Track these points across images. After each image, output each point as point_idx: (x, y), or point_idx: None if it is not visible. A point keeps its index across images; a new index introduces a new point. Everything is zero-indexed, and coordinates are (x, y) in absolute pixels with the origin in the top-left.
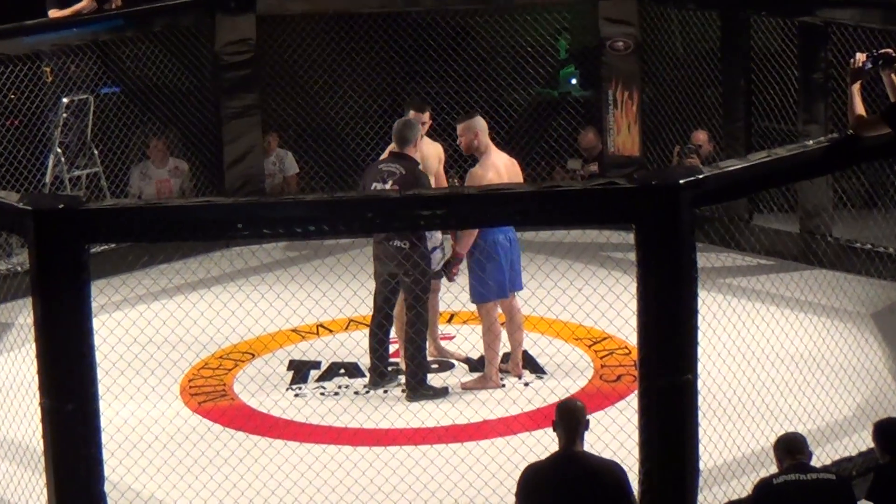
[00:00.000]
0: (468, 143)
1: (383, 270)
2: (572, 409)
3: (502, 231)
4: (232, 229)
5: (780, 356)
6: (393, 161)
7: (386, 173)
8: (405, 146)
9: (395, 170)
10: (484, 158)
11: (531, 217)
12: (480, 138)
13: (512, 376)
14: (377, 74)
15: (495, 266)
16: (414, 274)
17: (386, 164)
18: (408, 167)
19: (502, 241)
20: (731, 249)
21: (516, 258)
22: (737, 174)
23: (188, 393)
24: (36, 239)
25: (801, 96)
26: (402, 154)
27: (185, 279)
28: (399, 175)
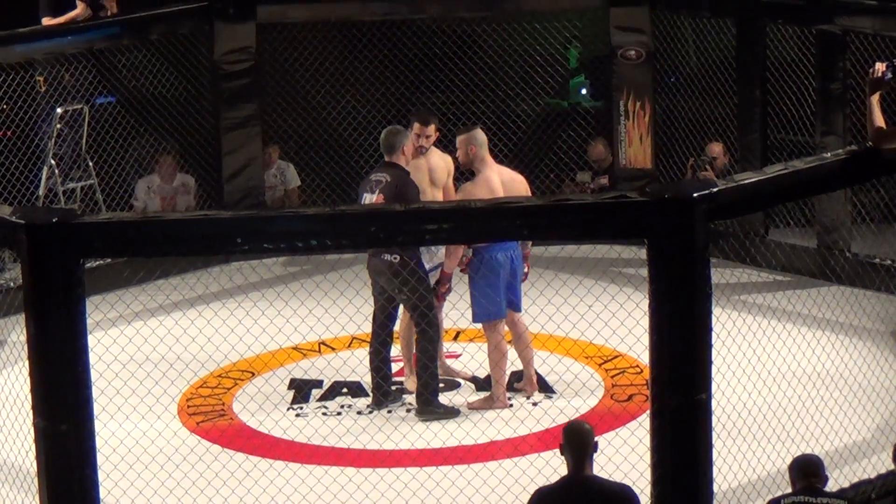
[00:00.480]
0: (464, 157)
1: (378, 286)
2: (580, 431)
3: (503, 249)
4: (231, 244)
5: (796, 375)
6: (381, 170)
7: (374, 183)
8: (392, 153)
9: (382, 178)
10: (478, 174)
11: (540, 231)
12: (476, 152)
13: (523, 395)
14: (381, 84)
15: (491, 285)
16: (411, 289)
17: (376, 173)
18: (394, 174)
19: (501, 259)
20: (747, 265)
21: (517, 277)
22: (752, 187)
23: (186, 412)
24: (29, 253)
25: (819, 107)
26: (390, 162)
27: (183, 295)
28: (384, 183)
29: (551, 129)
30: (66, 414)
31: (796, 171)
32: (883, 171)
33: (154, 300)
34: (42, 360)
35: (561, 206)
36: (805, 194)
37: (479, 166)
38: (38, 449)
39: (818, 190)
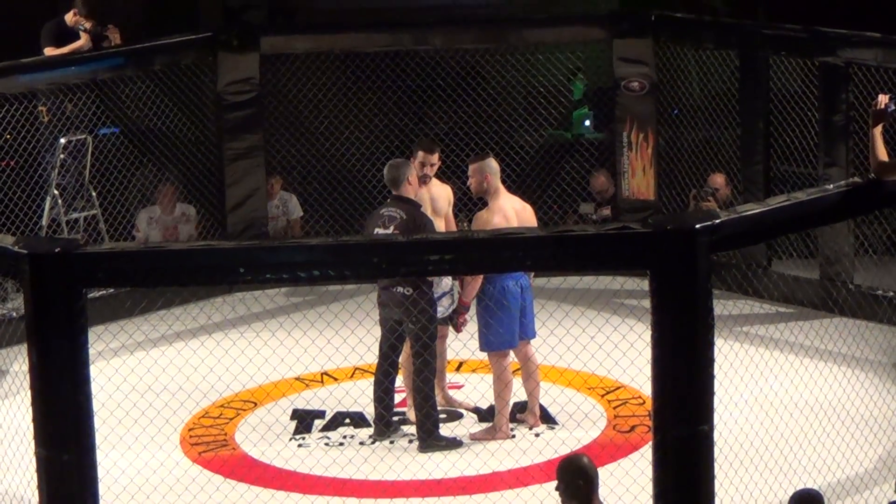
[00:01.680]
0: (478, 185)
1: (388, 317)
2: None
3: (513, 277)
4: (234, 274)
5: (798, 407)
6: (393, 205)
7: (387, 218)
8: (399, 186)
9: (396, 214)
10: (492, 202)
11: (543, 262)
12: (490, 181)
13: (525, 426)
14: (384, 115)
15: (505, 314)
16: (420, 321)
17: (387, 208)
18: (408, 211)
19: (512, 287)
20: (749, 296)
21: (529, 305)
22: (755, 219)
23: (188, 442)
24: (32, 283)
25: (822, 139)
26: (400, 197)
27: (186, 325)
28: (400, 220)
29: (554, 160)
30: (68, 444)
31: (799, 203)
32: (885, 203)
33: (156, 330)
34: (44, 390)
35: (564, 237)
36: (808, 226)
37: (493, 194)
38: (39, 479)
39: (821, 221)
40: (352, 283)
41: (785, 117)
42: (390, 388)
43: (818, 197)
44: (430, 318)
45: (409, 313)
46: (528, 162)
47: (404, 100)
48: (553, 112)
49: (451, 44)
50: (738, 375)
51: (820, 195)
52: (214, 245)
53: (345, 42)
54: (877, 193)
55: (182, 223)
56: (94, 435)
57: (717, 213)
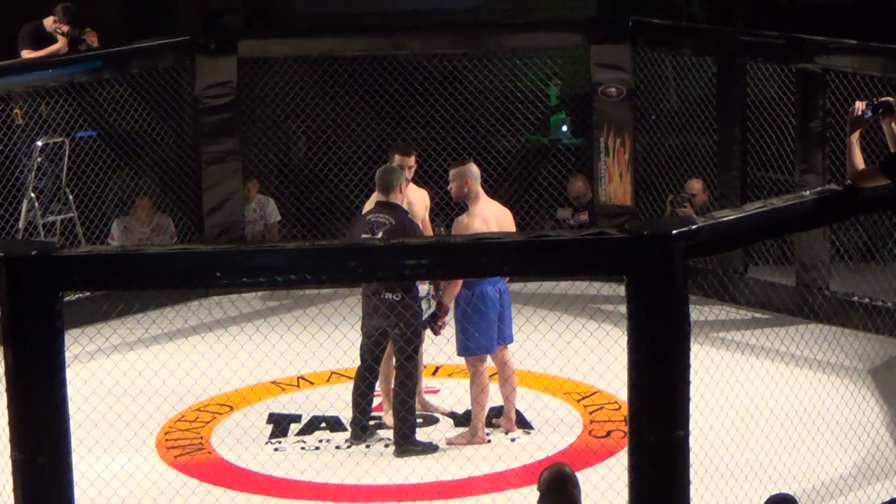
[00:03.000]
0: (458, 190)
1: (373, 325)
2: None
3: (491, 282)
4: (210, 278)
5: (774, 412)
6: (381, 211)
7: (375, 224)
8: (390, 193)
9: (385, 220)
10: (472, 206)
11: (519, 267)
12: (471, 186)
13: (500, 431)
14: (362, 119)
15: (483, 319)
16: (406, 330)
17: (374, 214)
18: (397, 217)
19: (490, 292)
20: (725, 302)
21: (507, 310)
22: (731, 225)
23: (164, 446)
24: (8, 286)
25: (799, 145)
26: (389, 203)
27: (162, 329)
28: (389, 226)
29: (531, 165)
30: (44, 447)
31: (775, 209)
32: (861, 210)
33: (133, 334)
34: (20, 393)
35: (540, 242)
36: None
37: (473, 199)
38: (15, 482)
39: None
40: (328, 287)
41: (762, 124)
42: (367, 393)
43: (794, 203)
44: (415, 330)
45: (399, 318)
46: (505, 167)
47: (382, 104)
48: (530, 117)
49: (428, 48)
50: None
51: (796, 202)
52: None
53: (322, 46)
54: (853, 200)
55: (157, 234)
56: (69, 438)
57: (693, 218)
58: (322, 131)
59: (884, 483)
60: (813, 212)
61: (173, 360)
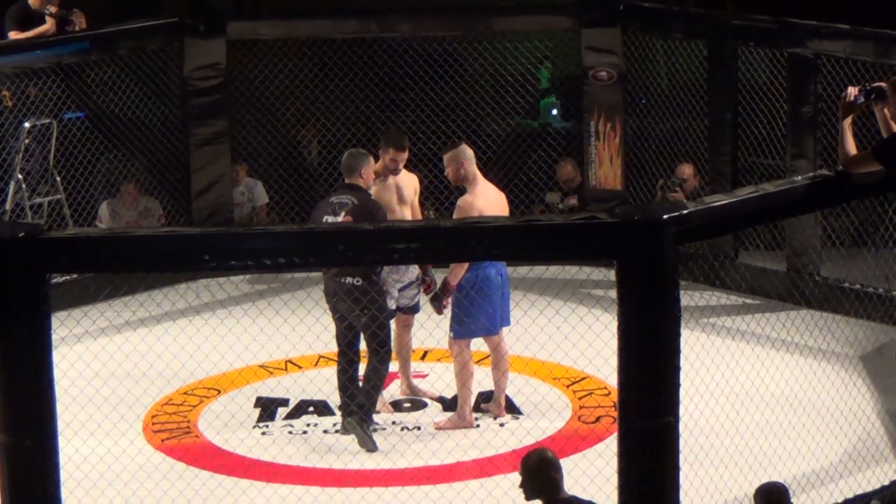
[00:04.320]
0: (455, 173)
1: (337, 308)
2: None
3: (494, 266)
4: (198, 261)
5: (764, 398)
6: (344, 192)
7: (337, 205)
8: (352, 175)
9: (347, 200)
10: (473, 187)
11: (509, 252)
12: (467, 167)
13: (489, 416)
14: (351, 102)
15: (487, 301)
16: (370, 314)
17: (337, 196)
18: (360, 198)
19: (493, 276)
20: (716, 288)
21: (507, 294)
22: (722, 210)
23: (151, 430)
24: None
25: (790, 130)
26: (352, 185)
27: (150, 312)
28: (351, 206)
29: (521, 149)
30: (30, 430)
31: (766, 195)
32: (853, 195)
33: (120, 316)
34: (6, 376)
35: (530, 226)
36: (775, 217)
37: (472, 181)
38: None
39: (788, 213)
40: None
41: (753, 108)
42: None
43: (786, 188)
44: (379, 308)
45: (358, 304)
46: (494, 150)
47: (371, 87)
48: (520, 101)
49: (418, 31)
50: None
51: (788, 187)
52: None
53: (312, 29)
54: (845, 186)
55: (144, 218)
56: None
57: (684, 203)
58: (311, 114)
59: (874, 470)
60: (804, 197)
61: (161, 343)
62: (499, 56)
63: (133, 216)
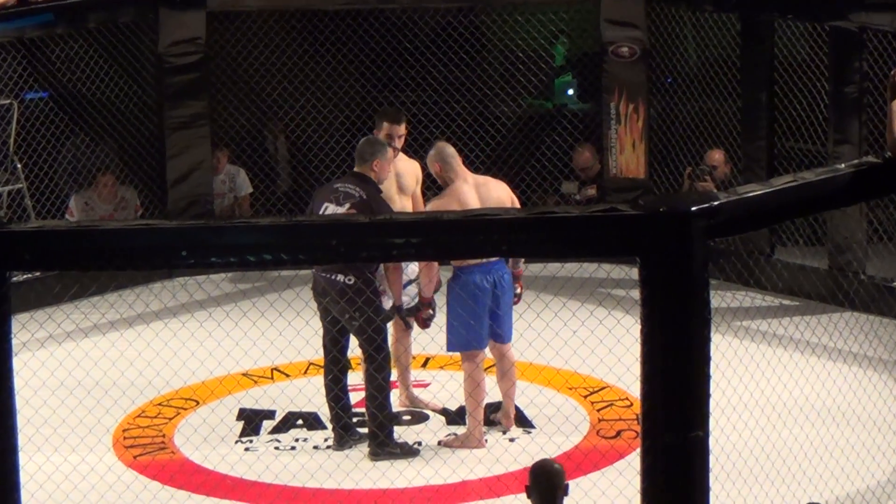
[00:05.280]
0: (437, 177)
1: (328, 308)
2: (548, 471)
3: (481, 271)
4: (175, 257)
5: (804, 411)
6: (352, 182)
7: (342, 194)
8: (364, 164)
9: (354, 192)
10: (446, 187)
11: (519, 247)
12: (445, 168)
13: (499, 430)
14: (345, 82)
15: (469, 312)
16: (363, 315)
17: (343, 183)
18: (369, 191)
19: (479, 282)
20: (750, 288)
21: (505, 304)
22: (757, 201)
23: (122, 445)
24: None
25: (832, 112)
26: (361, 175)
27: (121, 314)
28: (358, 199)
29: (534, 133)
30: None
31: (806, 184)
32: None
33: (88, 319)
34: None
35: (543, 219)
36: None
37: (453, 179)
38: None
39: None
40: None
41: (791, 88)
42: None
43: (828, 177)
44: (375, 310)
45: (352, 305)
46: (504, 135)
47: (367, 65)
48: (533, 80)
49: (419, 3)
50: (736, 375)
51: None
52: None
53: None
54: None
55: (120, 209)
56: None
57: (714, 194)
58: (300, 94)
59: None
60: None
61: (133, 349)
62: (509, 30)
63: (109, 209)
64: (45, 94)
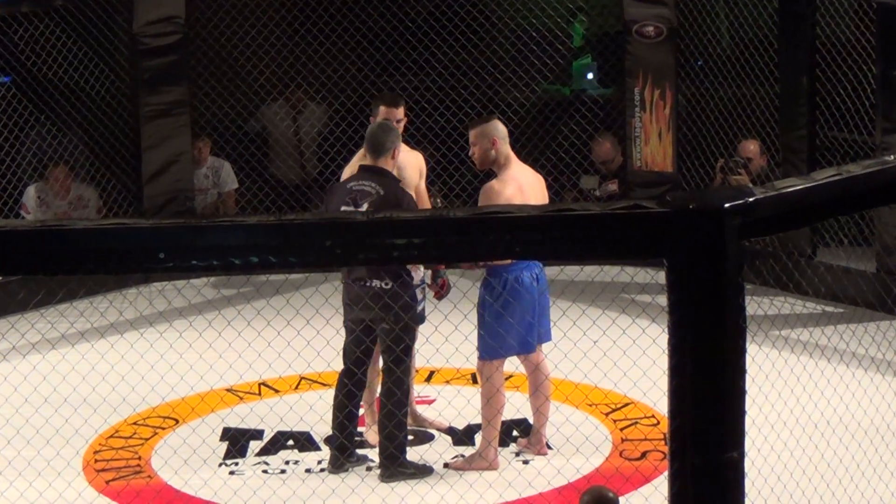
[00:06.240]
0: (483, 154)
1: (357, 320)
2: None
3: (527, 267)
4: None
5: (849, 429)
6: (367, 177)
7: (358, 193)
8: (380, 156)
9: (371, 189)
10: (503, 172)
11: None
12: (500, 148)
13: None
14: (339, 65)
15: (517, 313)
16: (398, 320)
17: (357, 181)
18: (387, 186)
19: (528, 281)
20: (790, 292)
21: (546, 303)
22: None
23: (93, 468)
24: None
25: (880, 98)
26: (377, 168)
27: (92, 323)
28: (377, 196)
29: (549, 122)
30: None
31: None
32: None
33: (55, 328)
34: None
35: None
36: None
37: (503, 164)
38: None
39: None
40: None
41: (834, 71)
42: (354, 414)
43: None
44: (410, 318)
45: (387, 311)
46: (516, 124)
47: (364, 46)
48: (548, 62)
49: None
50: (775, 390)
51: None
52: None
53: None
54: None
55: (77, 209)
56: None
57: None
58: (290, 79)
59: None
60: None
61: (105, 362)
62: (521, 7)
63: (63, 206)
64: (6, 78)
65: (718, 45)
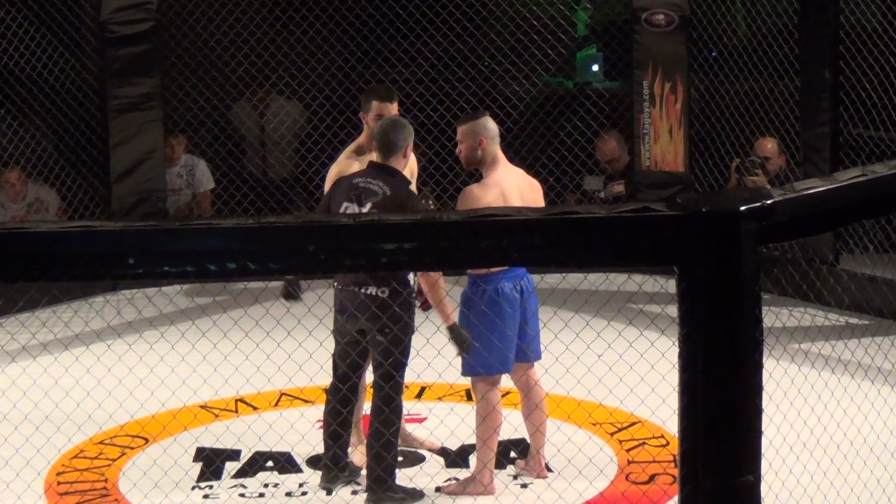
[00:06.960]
0: (469, 153)
1: (349, 328)
2: None
3: (508, 277)
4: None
5: (874, 450)
6: (375, 175)
7: (363, 191)
8: (391, 155)
9: (378, 188)
10: (487, 174)
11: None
12: (486, 147)
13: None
14: (325, 56)
15: (496, 329)
16: (393, 333)
17: (365, 178)
18: (395, 187)
19: (508, 291)
20: (810, 303)
21: (532, 316)
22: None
23: (55, 491)
24: None
25: None
26: (386, 167)
27: (55, 334)
28: (382, 196)
29: (551, 117)
30: None
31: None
32: None
33: (16, 340)
34: None
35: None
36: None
37: (489, 165)
38: None
39: None
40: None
41: (860, 63)
42: (348, 420)
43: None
44: (404, 329)
45: (377, 320)
46: (515, 119)
47: (352, 35)
48: (550, 53)
49: None
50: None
51: None
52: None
53: None
54: None
55: (35, 212)
56: None
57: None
58: (272, 71)
59: None
60: None
61: (69, 376)
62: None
63: (20, 210)
64: None
65: (734, 35)
